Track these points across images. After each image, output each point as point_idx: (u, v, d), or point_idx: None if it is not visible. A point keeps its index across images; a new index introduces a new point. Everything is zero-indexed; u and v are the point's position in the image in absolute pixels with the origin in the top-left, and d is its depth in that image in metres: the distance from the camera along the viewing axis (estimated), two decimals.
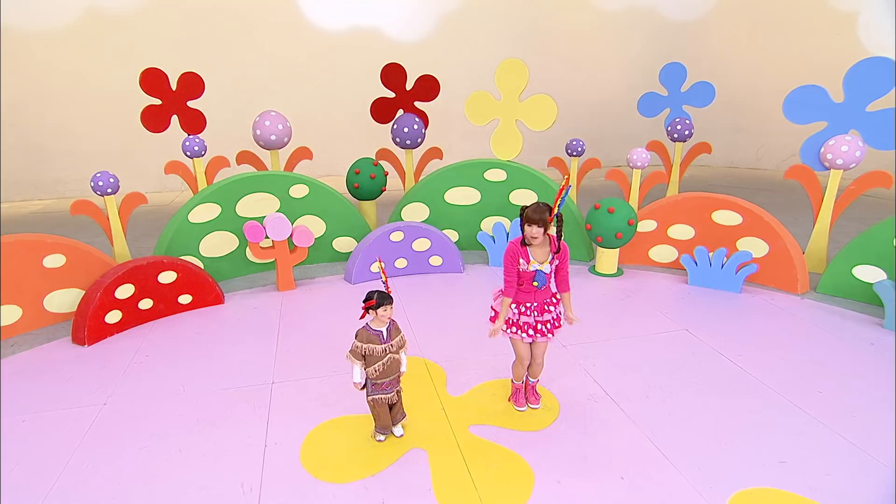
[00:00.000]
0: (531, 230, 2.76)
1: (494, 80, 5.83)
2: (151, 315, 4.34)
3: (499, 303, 3.04)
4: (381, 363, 2.73)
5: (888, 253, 4.56)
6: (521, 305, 2.95)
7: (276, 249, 4.86)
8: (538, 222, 2.73)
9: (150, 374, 3.61)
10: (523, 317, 2.95)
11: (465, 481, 2.61)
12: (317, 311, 4.60)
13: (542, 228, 2.74)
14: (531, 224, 2.75)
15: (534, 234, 2.77)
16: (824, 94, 5.31)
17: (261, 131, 6.30)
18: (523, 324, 2.96)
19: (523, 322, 2.96)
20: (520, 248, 2.85)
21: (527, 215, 2.75)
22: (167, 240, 4.79)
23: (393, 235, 5.23)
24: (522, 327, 2.97)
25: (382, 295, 2.69)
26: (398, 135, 7.47)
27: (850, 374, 3.58)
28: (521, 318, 2.96)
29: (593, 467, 2.71)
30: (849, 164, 5.14)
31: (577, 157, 7.32)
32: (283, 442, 2.90)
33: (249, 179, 5.13)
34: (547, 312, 2.97)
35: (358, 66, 9.87)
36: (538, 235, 2.77)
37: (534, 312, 2.95)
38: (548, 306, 2.97)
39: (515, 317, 2.97)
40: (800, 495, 2.51)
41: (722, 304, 4.71)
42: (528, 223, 2.76)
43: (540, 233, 2.76)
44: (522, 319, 2.96)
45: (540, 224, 2.73)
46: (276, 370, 3.65)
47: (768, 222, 4.99)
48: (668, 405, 3.24)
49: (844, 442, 2.90)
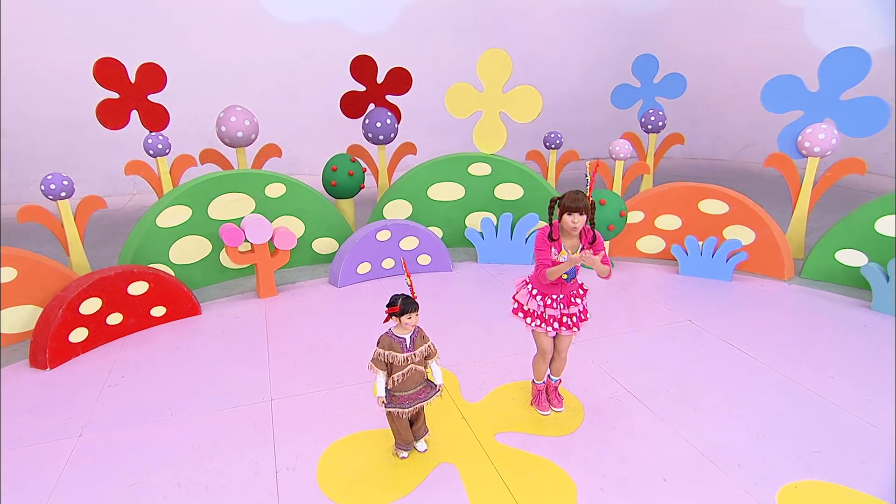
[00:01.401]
0: (573, 219, 2.60)
1: (476, 71, 5.65)
2: (122, 331, 3.92)
3: (522, 294, 2.86)
4: (401, 373, 2.50)
5: (869, 237, 4.69)
6: (546, 297, 2.79)
7: (256, 253, 4.50)
8: (580, 210, 2.57)
9: (129, 398, 3.22)
10: (549, 309, 2.79)
11: (505, 496, 2.42)
12: (306, 319, 4.29)
13: (584, 216, 2.59)
14: (572, 213, 2.59)
15: (576, 223, 2.61)
16: (800, 84, 5.43)
17: (226, 128, 5.87)
18: (549, 317, 2.80)
19: (549, 315, 2.80)
20: (549, 241, 2.69)
21: (565, 205, 2.59)
22: (133, 247, 4.34)
23: (379, 235, 4.96)
24: (547, 320, 2.81)
25: (407, 300, 2.45)
26: (370, 130, 7.16)
27: (853, 357, 3.63)
28: (547, 311, 2.79)
29: (633, 471, 2.58)
30: (825, 152, 5.27)
31: (555, 149, 7.25)
32: (295, 466, 2.63)
33: (222, 179, 4.74)
34: (573, 305, 2.81)
35: (320, 60, 9.46)
36: (580, 224, 2.61)
37: (560, 305, 2.79)
38: (574, 298, 2.82)
39: (540, 309, 2.80)
40: (844, 486, 2.47)
41: (716, 293, 4.73)
42: (568, 212, 2.59)
43: (583, 221, 2.61)
44: (548, 312, 2.79)
45: (582, 212, 2.58)
46: (272, 385, 3.34)
47: (754, 210, 5.05)
48: (691, 400, 3.16)
49: (869, 426, 2.90)
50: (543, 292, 2.77)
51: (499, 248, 5.52)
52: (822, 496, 2.42)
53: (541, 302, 2.78)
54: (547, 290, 2.77)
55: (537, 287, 2.79)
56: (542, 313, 2.80)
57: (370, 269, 5.03)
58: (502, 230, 5.48)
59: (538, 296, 2.78)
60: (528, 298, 2.81)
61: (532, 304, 2.79)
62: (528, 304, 2.83)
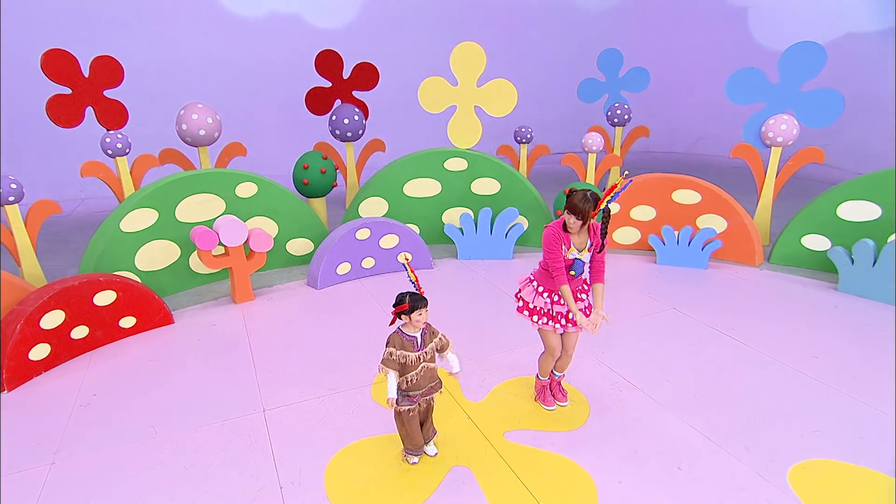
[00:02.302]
0: (570, 220, 2.56)
1: (450, 65, 5.56)
2: (88, 345, 3.62)
3: (528, 291, 2.81)
4: (414, 373, 2.39)
5: (832, 222, 4.91)
6: (553, 294, 2.75)
7: (231, 257, 4.26)
8: (579, 214, 2.53)
9: (104, 418, 2.96)
10: (556, 306, 2.75)
11: (524, 496, 2.36)
12: (288, 323, 4.10)
13: (580, 221, 2.55)
14: (572, 214, 2.54)
15: (571, 225, 2.57)
16: (762, 76, 5.63)
17: (187, 126, 5.56)
18: (556, 314, 2.76)
19: (556, 312, 2.76)
20: (563, 234, 2.64)
21: (571, 203, 2.54)
22: (96, 254, 4.02)
23: (359, 233, 4.80)
24: (555, 317, 2.77)
25: (415, 297, 2.35)
26: (338, 126, 6.97)
27: (831, 337, 3.78)
28: (555, 308, 2.75)
29: (647, 461, 2.58)
30: (787, 142, 5.49)
31: (525, 143, 7.26)
32: (301, 480, 2.47)
33: (189, 179, 4.45)
34: (579, 301, 2.79)
35: (279, 55, 9.12)
36: (574, 228, 2.58)
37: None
38: (580, 294, 2.79)
39: (548, 306, 2.76)
40: (849, 463, 2.55)
41: (695, 281, 4.84)
42: (569, 211, 2.55)
43: (578, 225, 2.57)
44: (556, 309, 2.75)
45: (580, 217, 2.53)
46: (262, 395, 3.15)
47: (726, 199, 5.20)
48: (689, 387, 3.20)
49: (859, 403, 3.01)
50: (550, 289, 2.73)
51: (479, 243, 5.46)
52: (831, 474, 2.48)
53: (548, 299, 2.73)
54: (554, 286, 2.72)
55: (543, 284, 2.74)
56: (550, 310, 2.75)
57: (350, 270, 4.87)
58: (482, 225, 5.42)
59: (544, 293, 2.73)
60: (534, 296, 2.76)
61: (539, 302, 2.75)
62: (534, 302, 2.78)
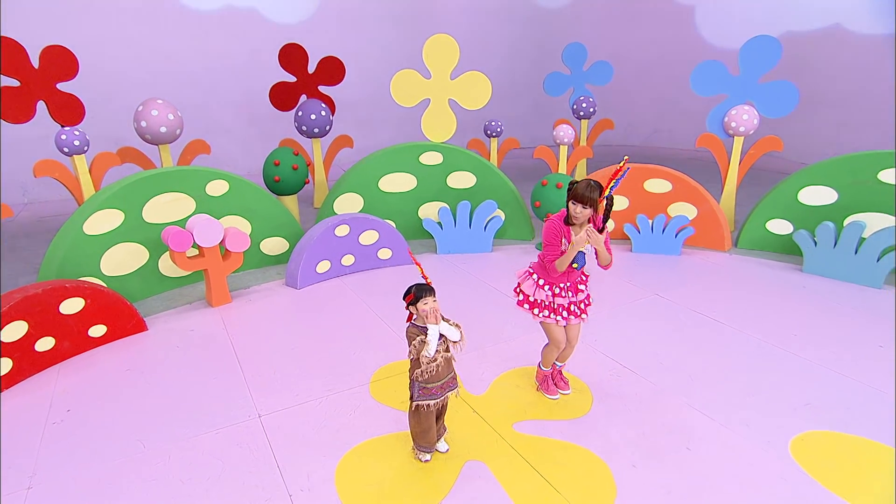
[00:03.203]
0: (576, 209, 2.54)
1: (423, 58, 5.49)
2: (54, 357, 3.34)
3: (528, 285, 2.79)
4: (433, 365, 2.33)
5: (793, 207, 5.16)
6: (554, 287, 2.75)
7: (207, 258, 4.05)
8: (587, 202, 2.50)
9: (83, 435, 2.74)
10: (558, 298, 2.75)
11: (543, 487, 2.34)
12: (272, 325, 3.93)
13: (589, 210, 2.53)
14: (578, 202, 2.52)
15: (577, 214, 2.55)
16: (723, 69, 5.85)
17: (147, 122, 5.25)
18: (558, 306, 2.76)
19: (558, 304, 2.76)
20: (564, 226, 2.62)
21: (576, 192, 2.52)
22: (57, 259, 3.71)
23: (338, 230, 4.67)
24: (557, 310, 2.77)
25: (420, 287, 2.28)
26: (304, 122, 6.78)
27: (803, 315, 3.97)
28: (556, 301, 2.75)
29: (657, 444, 2.61)
30: (749, 131, 5.73)
31: (495, 137, 7.27)
32: (310, 486, 2.36)
33: (157, 177, 4.19)
34: (580, 292, 2.80)
35: (235, 50, 8.77)
36: (582, 217, 2.55)
37: (568, 293, 2.76)
38: (580, 285, 2.80)
39: (549, 299, 2.75)
40: (844, 433, 2.67)
41: (670, 267, 4.98)
42: (575, 201, 2.53)
43: (587, 214, 2.54)
44: (557, 301, 2.75)
45: (588, 205, 2.51)
46: (255, 400, 3.00)
47: (696, 187, 5.38)
48: (684, 369, 3.27)
49: (840, 376, 3.16)
50: (551, 281, 2.72)
51: (458, 237, 5.42)
52: (829, 444, 2.59)
53: (549, 292, 2.72)
54: (555, 279, 2.71)
55: (543, 277, 2.73)
56: (552, 303, 2.74)
57: (330, 268, 4.73)
58: (460, 219, 5.38)
59: (545, 286, 2.72)
60: (534, 289, 2.74)
61: (540, 295, 2.73)
62: (535, 295, 2.76)
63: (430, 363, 2.29)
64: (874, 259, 4.47)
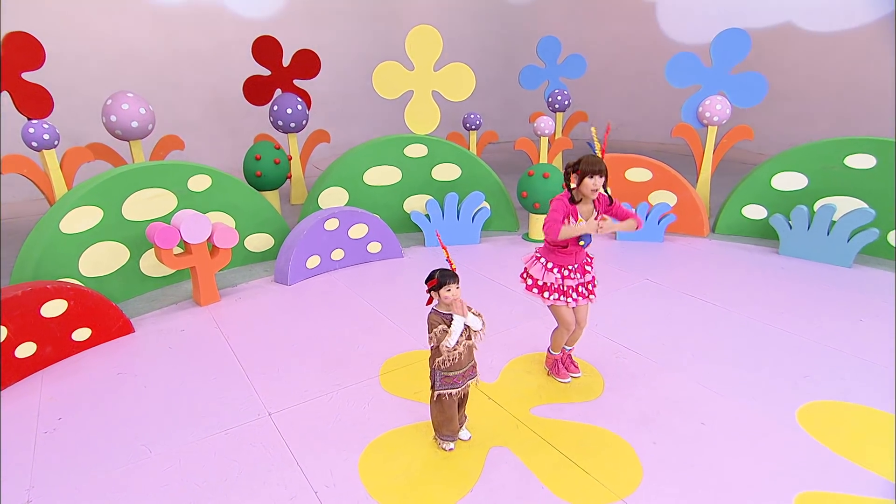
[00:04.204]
0: (593, 181, 2.56)
1: (406, 50, 5.42)
2: (36, 364, 3.13)
3: (537, 269, 2.78)
4: (456, 352, 2.30)
5: (767, 192, 5.37)
6: (563, 269, 2.75)
7: (194, 255, 3.88)
8: (601, 172, 2.55)
9: (80, 443, 2.58)
10: (567, 280, 2.75)
11: (571, 468, 2.35)
12: (266, 322, 3.80)
13: (604, 178, 2.57)
14: (593, 175, 2.55)
15: (596, 185, 2.58)
16: (697, 60, 6.03)
17: (117, 117, 4.98)
18: (567, 287, 2.76)
19: (567, 286, 2.76)
20: (570, 206, 2.64)
21: (585, 167, 2.55)
22: (33, 260, 3.48)
23: (328, 224, 4.56)
24: (566, 292, 2.77)
25: (445, 272, 2.25)
26: (280, 117, 6.60)
27: (786, 294, 4.13)
28: (566, 283, 2.75)
29: (671, 421, 2.66)
30: (722, 121, 5.93)
31: (474, 130, 7.27)
32: (335, 482, 2.30)
33: (137, 172, 3.98)
34: (587, 273, 2.82)
35: (202, 45, 8.42)
36: (600, 185, 2.59)
37: (576, 274, 2.77)
38: (587, 266, 2.82)
39: (559, 282, 2.75)
40: (846, 402, 2.79)
41: (656, 253, 5.10)
42: (589, 175, 2.55)
43: (602, 183, 2.58)
44: (567, 283, 2.75)
45: (602, 174, 2.55)
46: (262, 399, 2.90)
47: (675, 175, 5.52)
48: (685, 348, 3.35)
49: (829, 349, 3.31)
50: (559, 263, 2.73)
51: (446, 230, 5.39)
52: (833, 413, 2.71)
53: (558, 274, 2.73)
54: (562, 260, 2.72)
55: (551, 259, 2.73)
56: (561, 285, 2.75)
57: (320, 262, 4.61)
58: (448, 211, 5.35)
59: (554, 268, 2.73)
60: (543, 273, 2.74)
61: (549, 278, 2.73)
62: (544, 279, 2.76)
63: (452, 352, 2.27)
64: (845, 240, 4.70)
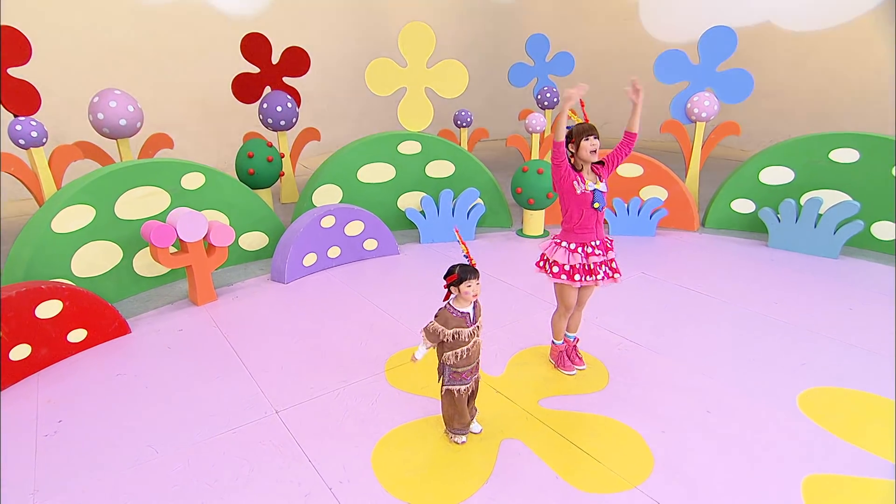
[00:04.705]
0: (590, 143, 2.62)
1: (398, 47, 5.41)
2: (31, 366, 3.05)
3: (560, 253, 2.76)
4: (464, 348, 2.30)
5: (755, 187, 5.48)
6: (586, 246, 2.74)
7: (191, 253, 3.82)
8: (595, 132, 2.63)
9: (83, 445, 2.52)
10: (592, 257, 2.74)
11: (583, 458, 2.38)
12: (265, 321, 3.76)
13: (598, 139, 2.64)
14: (588, 136, 2.61)
15: (594, 146, 2.64)
16: (684, 57, 6.12)
17: (104, 115, 4.88)
18: (593, 265, 2.75)
19: (593, 263, 2.74)
20: (575, 172, 2.67)
21: (578, 131, 2.62)
22: (24, 260, 3.39)
23: (324, 221, 4.52)
24: (594, 270, 2.75)
25: (465, 268, 2.25)
26: (270, 115, 6.55)
27: (776, 284, 4.23)
28: (591, 259, 2.74)
29: (678, 410, 2.71)
30: (710, 117, 6.03)
31: (465, 127, 7.28)
32: (349, 478, 2.28)
33: (129, 170, 3.91)
34: (610, 251, 2.83)
35: (187, 43, 8.29)
36: (598, 146, 2.65)
37: (599, 251, 2.76)
38: (609, 243, 2.84)
39: (584, 259, 2.74)
40: (843, 387, 2.87)
41: (648, 247, 5.17)
42: (584, 138, 2.61)
43: (597, 144, 2.64)
44: (592, 260, 2.74)
45: (597, 135, 2.63)
46: (268, 397, 2.86)
47: (666, 171, 5.60)
48: (685, 340, 3.41)
49: (823, 337, 3.40)
50: (581, 242, 2.73)
51: (441, 226, 5.39)
52: (833, 398, 2.78)
53: (581, 252, 2.74)
54: (583, 237, 2.73)
55: (573, 241, 2.74)
56: (586, 263, 2.75)
57: (316, 260, 4.58)
58: (443, 208, 5.35)
59: (577, 248, 2.73)
60: (567, 255, 2.75)
61: (574, 260, 2.73)
62: (570, 262, 2.74)
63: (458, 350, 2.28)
64: (832, 232, 4.82)
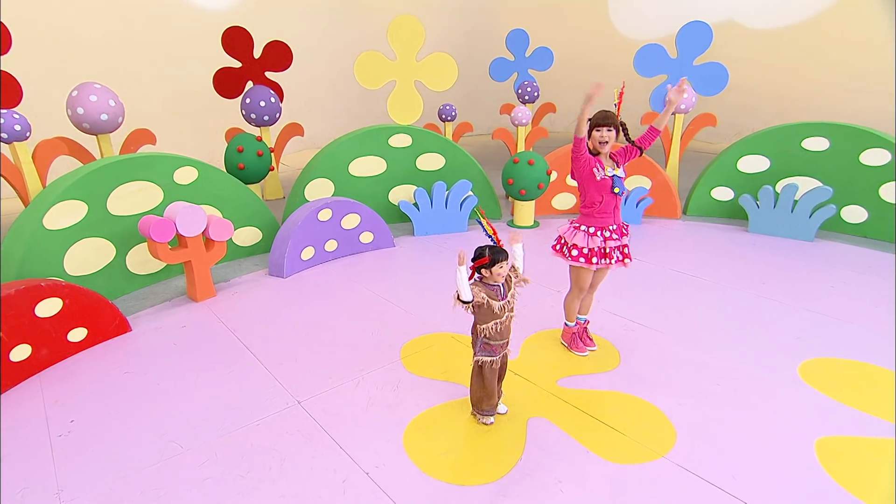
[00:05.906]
0: (601, 134, 2.66)
1: (387, 40, 5.39)
2: (32, 367, 2.93)
3: (580, 237, 2.83)
4: (497, 322, 2.35)
5: (734, 175, 5.72)
6: (605, 230, 2.82)
7: (190, 248, 3.72)
8: (609, 125, 2.64)
9: (101, 444, 2.44)
10: (610, 241, 2.82)
11: (609, 433, 2.45)
12: (270, 314, 3.71)
13: (613, 132, 2.66)
14: (601, 128, 2.65)
15: (604, 138, 2.67)
16: (663, 51, 6.31)
17: (84, 110, 4.69)
18: (610, 249, 2.83)
19: (610, 248, 2.83)
20: (593, 157, 2.73)
21: (594, 121, 2.65)
22: (16, 258, 3.24)
23: (321, 214, 4.48)
24: (609, 254, 2.83)
25: (495, 250, 2.29)
26: (253, 110, 6.42)
27: (760, 266, 4.44)
28: (609, 244, 2.82)
29: (690, 383, 2.82)
30: (688, 109, 6.26)
31: (450, 121, 7.31)
32: (384, 462, 2.29)
33: (121, 164, 3.78)
34: (625, 236, 2.91)
35: (160, 37, 8.03)
36: (608, 139, 2.68)
37: (616, 235, 2.85)
38: (624, 229, 2.92)
39: (603, 243, 2.82)
40: (839, 358, 3.04)
41: (636, 235, 5.26)
42: (597, 127, 2.65)
43: (611, 136, 2.67)
44: (609, 244, 2.82)
45: (611, 127, 2.65)
46: (287, 388, 2.84)
47: (649, 161, 5.78)
48: (685, 319, 3.54)
49: (810, 312, 3.59)
50: (600, 226, 2.81)
51: (435, 218, 5.41)
52: (830, 368, 2.95)
53: (601, 236, 2.81)
54: (602, 221, 2.80)
55: (592, 224, 2.81)
56: (604, 247, 2.82)
57: (314, 254, 4.53)
58: (436, 200, 5.37)
59: (596, 231, 2.81)
60: (587, 239, 2.81)
61: (594, 243, 2.80)
62: (589, 245, 2.81)
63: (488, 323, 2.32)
64: (807, 216, 5.08)
